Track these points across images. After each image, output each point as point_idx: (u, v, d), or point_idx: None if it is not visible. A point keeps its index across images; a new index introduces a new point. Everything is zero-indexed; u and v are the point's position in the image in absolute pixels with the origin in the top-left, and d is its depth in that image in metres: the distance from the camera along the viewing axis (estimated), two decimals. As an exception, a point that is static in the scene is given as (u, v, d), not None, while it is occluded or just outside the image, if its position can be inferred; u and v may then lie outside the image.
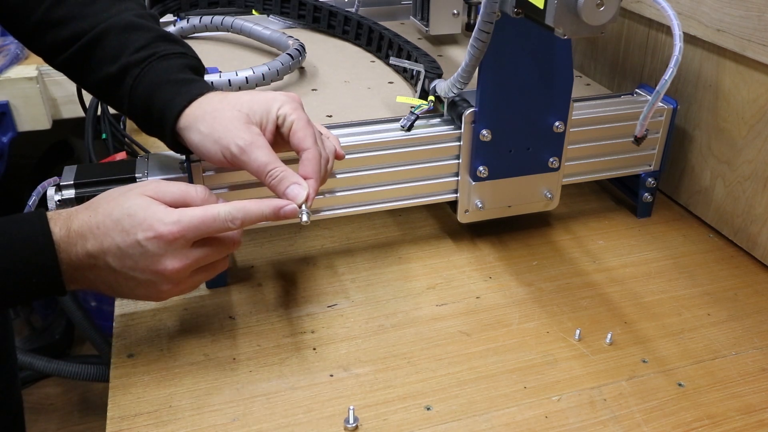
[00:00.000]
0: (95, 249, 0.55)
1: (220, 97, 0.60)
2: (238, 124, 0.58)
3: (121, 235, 0.55)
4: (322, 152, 0.60)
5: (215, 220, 0.56)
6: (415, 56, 0.88)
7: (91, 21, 0.64)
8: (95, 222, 0.56)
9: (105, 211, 0.56)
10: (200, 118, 0.59)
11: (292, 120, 0.59)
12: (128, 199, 0.56)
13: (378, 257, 0.77)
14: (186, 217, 0.56)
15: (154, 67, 0.62)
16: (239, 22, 1.05)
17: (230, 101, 0.59)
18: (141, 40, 0.63)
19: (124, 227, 0.55)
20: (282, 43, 0.99)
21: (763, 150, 0.74)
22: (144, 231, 0.55)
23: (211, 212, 0.56)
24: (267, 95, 0.60)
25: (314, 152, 0.58)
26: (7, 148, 1.34)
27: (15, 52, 1.34)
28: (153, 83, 0.61)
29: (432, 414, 0.58)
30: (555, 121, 0.73)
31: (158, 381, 0.61)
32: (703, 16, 0.77)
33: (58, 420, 1.61)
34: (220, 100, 0.60)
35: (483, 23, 0.61)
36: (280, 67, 0.88)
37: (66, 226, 0.55)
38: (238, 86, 0.85)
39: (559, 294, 0.72)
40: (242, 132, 0.57)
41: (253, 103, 0.59)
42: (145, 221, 0.55)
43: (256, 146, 0.57)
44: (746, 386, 0.61)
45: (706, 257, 0.78)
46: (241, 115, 0.58)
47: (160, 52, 0.63)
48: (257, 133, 0.58)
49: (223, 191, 0.68)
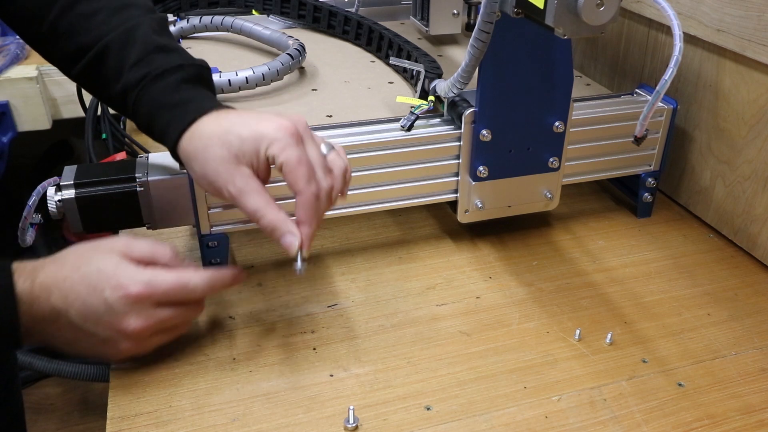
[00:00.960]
0: (59, 302, 0.55)
1: (214, 125, 0.57)
2: (229, 166, 0.55)
3: (87, 289, 0.55)
4: (321, 185, 0.56)
5: (184, 288, 0.58)
6: (415, 56, 0.88)
7: (93, 35, 0.63)
8: (62, 275, 0.56)
9: (73, 265, 0.56)
10: (192, 156, 0.57)
11: (281, 162, 0.55)
12: (97, 255, 0.57)
13: (378, 257, 0.77)
14: (157, 279, 0.57)
15: (149, 91, 0.60)
16: (239, 22, 1.05)
17: (221, 135, 0.56)
18: (135, 54, 0.62)
19: (91, 282, 0.55)
20: (282, 43, 0.99)
21: (763, 150, 0.74)
22: (112, 288, 0.55)
23: (183, 279, 0.58)
24: (258, 128, 0.56)
25: (306, 196, 0.55)
26: (7, 148, 1.34)
27: (15, 52, 1.34)
28: (149, 108, 0.60)
29: (432, 414, 0.58)
30: (555, 121, 0.73)
31: (158, 381, 0.61)
32: (703, 16, 0.77)
33: (58, 420, 1.61)
34: (211, 132, 0.57)
35: (483, 23, 0.61)
36: (280, 67, 0.88)
37: (31, 279, 0.55)
38: (238, 86, 0.85)
39: (559, 294, 0.72)
40: (233, 176, 0.55)
41: (242, 141, 0.55)
42: (114, 278, 0.56)
43: (246, 192, 0.55)
44: (746, 386, 0.61)
45: (706, 257, 0.78)
46: (230, 156, 0.55)
47: (154, 70, 0.61)
48: (248, 176, 0.56)
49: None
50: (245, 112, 0.59)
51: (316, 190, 0.56)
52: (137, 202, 0.67)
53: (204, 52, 1.03)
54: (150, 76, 0.60)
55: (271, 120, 0.56)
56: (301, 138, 0.56)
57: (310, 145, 0.57)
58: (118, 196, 0.66)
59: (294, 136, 0.55)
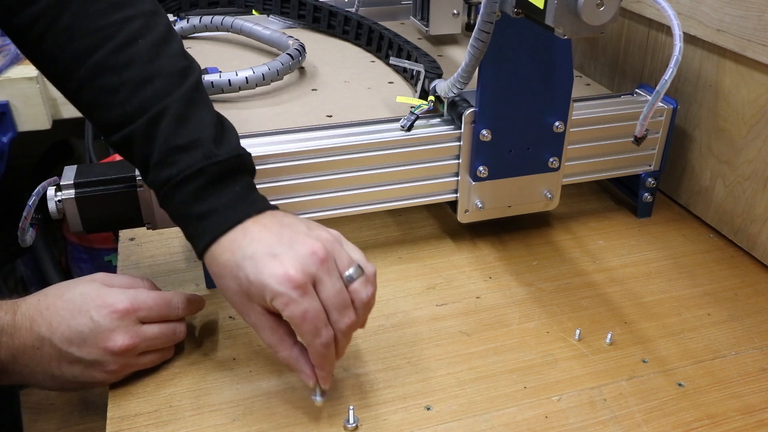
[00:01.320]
0: (43, 329, 0.56)
1: (228, 254, 0.53)
2: (242, 300, 0.54)
3: (71, 312, 0.56)
4: (332, 333, 0.53)
5: (167, 304, 0.60)
6: (415, 56, 0.88)
7: (117, 114, 0.57)
8: (45, 304, 0.57)
9: (55, 294, 0.58)
10: (214, 274, 0.55)
11: (286, 317, 0.52)
12: (80, 284, 0.59)
13: (378, 257, 0.77)
14: (141, 296, 0.59)
15: (173, 198, 0.56)
16: (239, 22, 1.05)
17: (232, 269, 0.53)
18: (157, 154, 0.56)
19: (76, 305, 0.56)
20: (282, 43, 0.99)
21: (763, 150, 0.74)
22: (98, 308, 0.57)
23: (165, 296, 0.60)
24: (262, 277, 0.51)
25: (314, 348, 0.53)
26: (7, 148, 1.34)
27: (15, 52, 1.34)
28: (175, 217, 0.57)
29: (432, 414, 0.58)
30: (555, 121, 0.73)
31: (158, 381, 0.61)
32: (703, 16, 0.77)
33: (58, 420, 1.61)
34: (225, 263, 0.53)
35: (483, 23, 0.61)
36: (280, 67, 0.88)
37: (12, 311, 0.56)
38: (238, 86, 0.85)
39: (559, 294, 0.72)
40: (247, 310, 0.54)
41: (250, 284, 0.52)
42: (99, 298, 0.57)
43: (260, 328, 0.54)
44: (746, 386, 0.61)
45: (706, 257, 0.78)
46: (242, 292, 0.53)
47: (175, 176, 0.55)
48: (260, 313, 0.54)
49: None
50: (268, 233, 0.53)
51: (326, 340, 0.53)
52: (137, 202, 0.66)
53: (204, 52, 1.02)
54: (172, 182, 0.55)
55: (282, 263, 0.51)
56: (306, 289, 0.51)
57: (329, 280, 0.52)
58: (118, 196, 0.66)
59: (299, 289, 0.51)
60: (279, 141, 0.71)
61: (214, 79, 0.84)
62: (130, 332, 0.57)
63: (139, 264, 0.75)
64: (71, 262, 1.69)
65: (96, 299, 0.57)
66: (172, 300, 0.61)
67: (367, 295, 0.54)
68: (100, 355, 0.56)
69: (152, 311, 0.59)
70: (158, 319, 0.60)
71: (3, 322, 0.55)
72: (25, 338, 0.55)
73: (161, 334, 0.60)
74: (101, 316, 0.56)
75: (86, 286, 0.58)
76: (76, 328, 0.56)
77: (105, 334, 0.56)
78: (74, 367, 0.57)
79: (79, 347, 0.56)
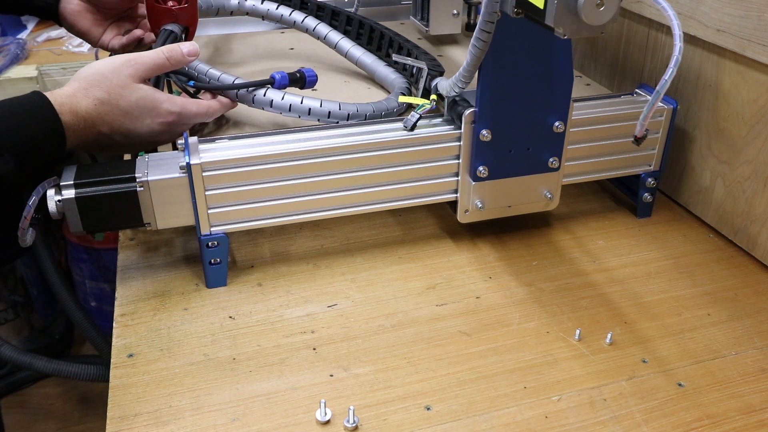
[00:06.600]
0: (104, 129, 0.69)
1: None
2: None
3: (131, 119, 0.70)
4: None
5: (206, 111, 0.76)
6: (416, 55, 0.88)
7: None
8: (103, 110, 0.69)
9: (110, 101, 0.69)
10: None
11: None
12: (131, 90, 0.70)
13: (378, 257, 0.77)
14: (188, 106, 0.74)
15: None
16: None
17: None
18: None
19: (133, 115, 0.71)
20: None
21: (763, 150, 0.74)
22: (152, 116, 0.72)
23: (203, 105, 0.76)
24: None
25: None
26: (7, 148, 1.34)
27: (15, 52, 1.34)
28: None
29: (432, 414, 0.58)
30: (555, 121, 0.73)
31: (158, 381, 0.61)
32: (703, 16, 0.77)
33: (58, 420, 1.61)
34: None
35: (484, 23, 0.61)
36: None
37: (73, 113, 0.67)
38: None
39: (559, 294, 0.72)
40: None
41: None
42: (154, 109, 0.72)
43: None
44: (746, 386, 0.61)
45: (706, 257, 0.78)
46: None
47: None
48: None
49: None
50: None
51: None
52: (137, 202, 0.67)
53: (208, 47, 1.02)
54: None
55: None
56: None
57: None
58: (118, 196, 0.66)
59: None
60: (279, 141, 0.71)
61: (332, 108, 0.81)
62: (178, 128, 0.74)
63: (139, 264, 0.75)
64: (71, 262, 1.69)
65: (152, 111, 0.71)
66: (210, 106, 0.76)
67: None
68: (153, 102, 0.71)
69: (197, 117, 0.74)
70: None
71: (66, 119, 0.66)
72: (89, 135, 0.68)
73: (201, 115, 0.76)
74: (156, 124, 0.72)
75: (138, 92, 0.70)
76: (135, 131, 0.71)
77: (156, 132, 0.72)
78: (137, 122, 0.71)
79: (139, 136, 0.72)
